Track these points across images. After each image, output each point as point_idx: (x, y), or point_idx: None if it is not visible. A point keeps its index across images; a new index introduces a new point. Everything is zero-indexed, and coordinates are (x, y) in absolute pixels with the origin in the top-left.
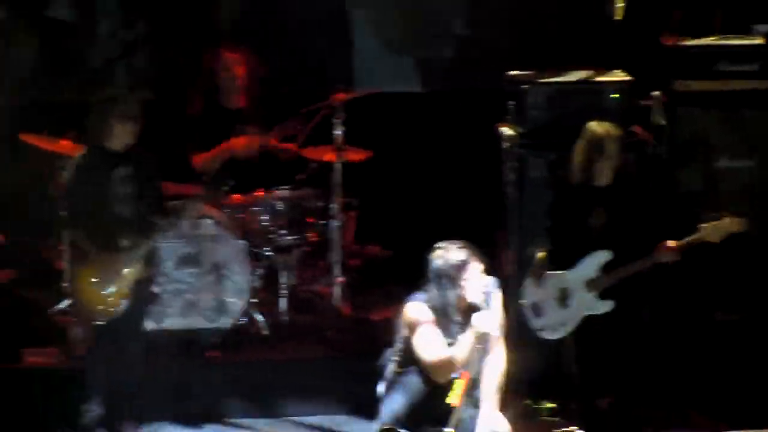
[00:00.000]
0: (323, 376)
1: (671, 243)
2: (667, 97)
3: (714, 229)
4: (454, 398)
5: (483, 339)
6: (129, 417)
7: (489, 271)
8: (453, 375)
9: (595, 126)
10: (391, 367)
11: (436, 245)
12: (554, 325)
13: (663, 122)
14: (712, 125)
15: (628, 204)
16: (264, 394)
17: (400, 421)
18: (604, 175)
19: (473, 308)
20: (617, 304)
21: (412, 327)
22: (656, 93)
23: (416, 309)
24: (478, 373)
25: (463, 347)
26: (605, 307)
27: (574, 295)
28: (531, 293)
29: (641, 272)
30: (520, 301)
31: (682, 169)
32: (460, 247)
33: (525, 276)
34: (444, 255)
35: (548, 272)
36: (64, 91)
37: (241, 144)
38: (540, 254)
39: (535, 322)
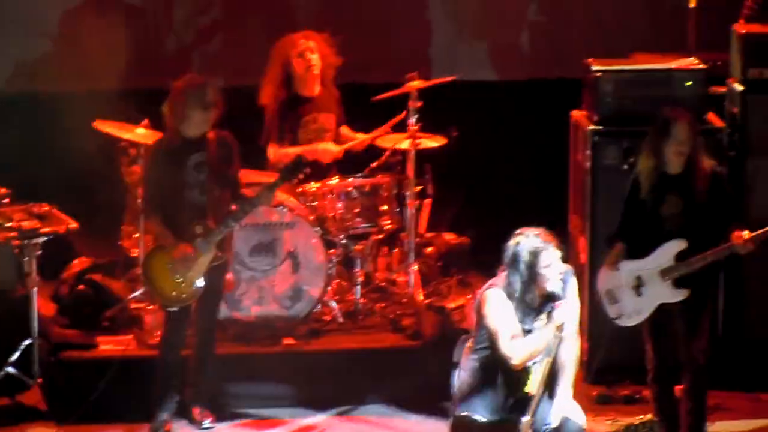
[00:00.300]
0: (398, 365)
1: (746, 233)
2: (741, 85)
3: None
4: (532, 387)
5: (562, 328)
6: (203, 404)
7: (565, 259)
8: (531, 363)
9: (665, 112)
10: (466, 356)
11: (515, 231)
12: (630, 313)
13: (736, 110)
14: None
15: (704, 192)
16: (339, 382)
17: (477, 410)
18: (674, 162)
19: (550, 296)
20: (692, 292)
21: (489, 315)
22: (730, 81)
23: (494, 296)
24: (555, 361)
25: (542, 336)
26: (680, 295)
27: (648, 283)
28: (606, 281)
29: (716, 262)
30: (596, 289)
31: (755, 158)
32: (538, 234)
33: (600, 264)
34: (522, 241)
35: (623, 261)
36: (140, 78)
37: (319, 154)
38: (616, 244)
39: (611, 310)
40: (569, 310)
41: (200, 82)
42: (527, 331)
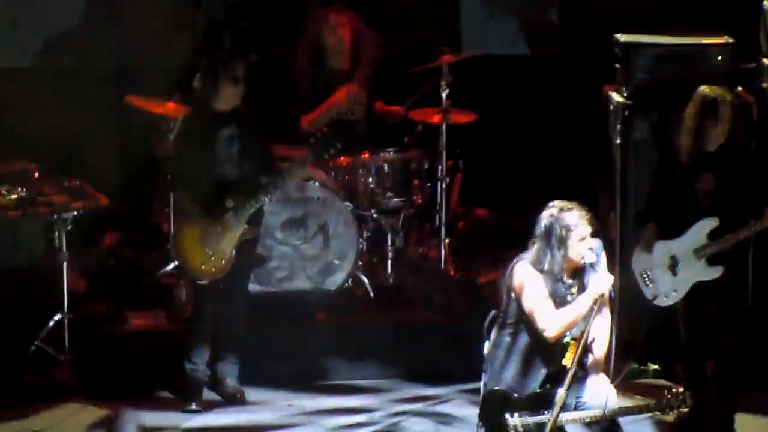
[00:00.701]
0: (429, 339)
1: None
2: None
3: None
4: (568, 360)
5: (598, 300)
6: (234, 379)
7: (596, 233)
8: (566, 336)
9: (707, 90)
10: (496, 331)
11: (548, 204)
12: (666, 292)
13: (766, 85)
14: None
15: (738, 169)
16: (370, 356)
17: (509, 385)
18: (714, 140)
19: (581, 269)
20: (726, 270)
21: (521, 288)
22: (760, 56)
23: (525, 269)
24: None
25: (578, 308)
26: (714, 273)
27: (682, 262)
28: (641, 261)
29: (749, 238)
30: (630, 269)
31: None
32: (570, 208)
33: (631, 239)
34: (555, 214)
35: (657, 240)
36: (171, 53)
37: (341, 97)
38: (648, 224)
39: (647, 290)
40: (607, 283)
41: (229, 56)
42: (559, 305)
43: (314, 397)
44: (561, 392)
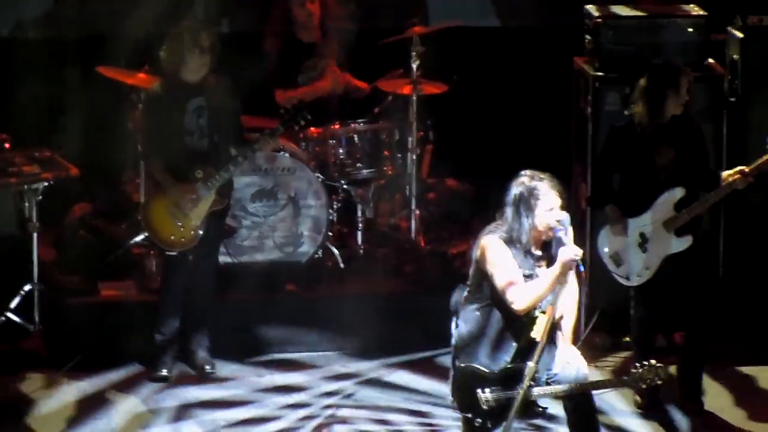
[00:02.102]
0: (399, 311)
1: (743, 168)
2: (742, 32)
3: None
4: (537, 333)
5: (567, 274)
6: (204, 350)
7: (567, 205)
8: (535, 309)
9: (674, 63)
10: (464, 305)
11: (520, 173)
12: (638, 271)
13: (736, 57)
14: None
15: (694, 137)
16: (340, 327)
17: (480, 360)
18: (669, 113)
19: (550, 243)
20: (694, 239)
21: (489, 260)
22: (731, 28)
23: (493, 241)
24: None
25: (546, 281)
26: (685, 243)
27: (653, 237)
28: (609, 245)
29: (717, 204)
30: (599, 252)
31: (755, 104)
32: (542, 178)
33: (604, 216)
34: (525, 182)
35: (626, 219)
36: (141, 23)
37: (325, 86)
38: (610, 206)
39: (619, 272)
40: (576, 255)
41: (196, 26)
42: (527, 277)
43: (284, 369)
44: (530, 365)
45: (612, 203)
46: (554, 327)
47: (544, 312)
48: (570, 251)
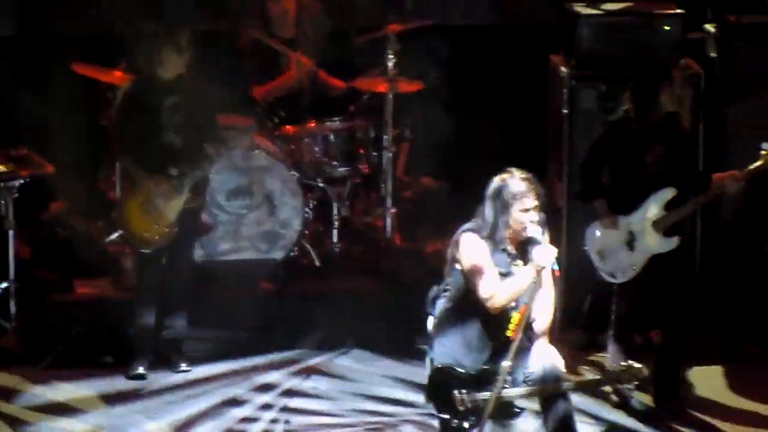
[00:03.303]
0: (375, 308)
1: (735, 172)
2: (719, 31)
3: None
4: (511, 332)
5: (541, 273)
6: (178, 347)
7: (543, 204)
8: (510, 308)
9: (655, 62)
10: (442, 303)
11: (503, 170)
12: (624, 269)
13: (714, 55)
14: (763, 59)
15: (685, 137)
16: (316, 325)
17: (456, 360)
18: (661, 112)
19: (527, 242)
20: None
21: (465, 257)
22: (708, 26)
23: (469, 238)
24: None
25: (521, 280)
26: (671, 244)
27: (641, 237)
28: (597, 241)
29: (704, 205)
30: (586, 247)
31: (734, 103)
32: (523, 177)
33: (581, 214)
34: (504, 179)
35: (616, 217)
36: (116, 21)
37: (292, 75)
38: (599, 201)
39: (603, 268)
40: (550, 255)
41: (173, 25)
42: (504, 275)
43: (259, 367)
44: (504, 365)
45: (601, 198)
46: (530, 326)
47: (518, 311)
48: (544, 251)
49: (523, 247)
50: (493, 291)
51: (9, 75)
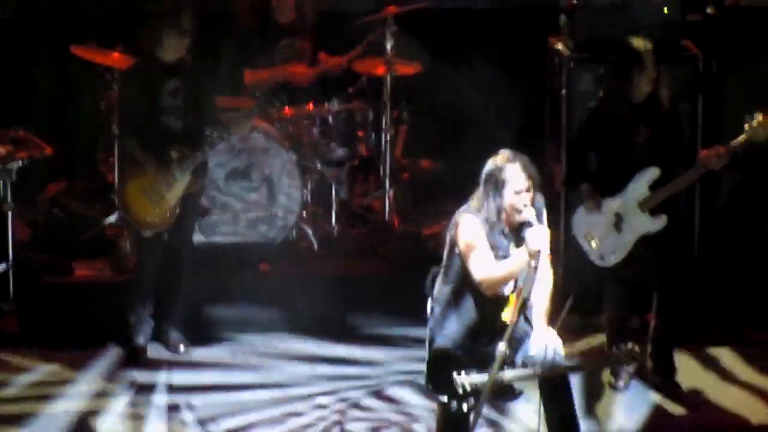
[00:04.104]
0: (373, 291)
1: (719, 147)
2: (717, 12)
3: (761, 128)
4: (508, 314)
5: (535, 255)
6: (178, 329)
7: (537, 188)
8: (506, 290)
9: (631, 41)
10: (440, 285)
11: (498, 151)
12: (612, 250)
13: (713, 37)
14: (761, 41)
15: (669, 116)
16: (314, 307)
17: (456, 342)
18: (642, 91)
19: (523, 223)
20: (669, 219)
21: (461, 238)
22: (708, 8)
23: (466, 219)
24: (530, 290)
25: (515, 262)
26: (659, 223)
27: (627, 217)
28: (584, 224)
29: (691, 184)
30: (574, 231)
31: (733, 84)
32: (515, 159)
33: (578, 197)
34: (498, 161)
35: (602, 200)
36: (116, 3)
37: (298, 73)
38: (583, 186)
39: (592, 251)
40: (544, 237)
41: (175, 7)
42: (500, 258)
43: (257, 349)
44: (501, 348)
45: (587, 182)
46: (527, 309)
47: (514, 293)
48: (537, 234)
49: (521, 229)
50: (486, 273)
51: (8, 57)
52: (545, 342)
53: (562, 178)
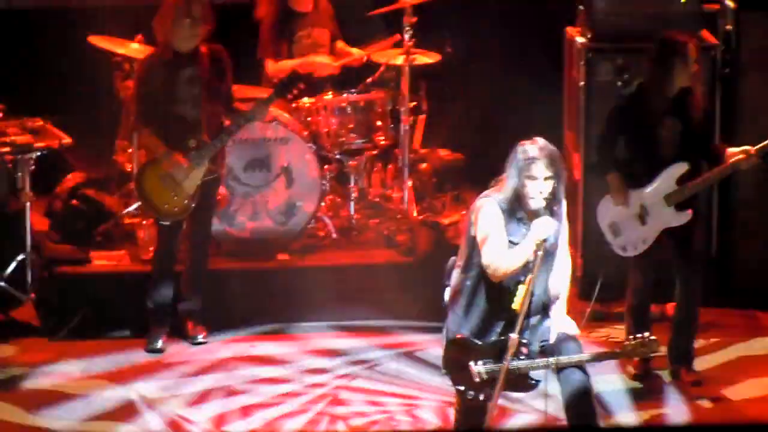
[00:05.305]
0: (391, 280)
1: (748, 147)
2: (735, 3)
3: None
4: (517, 304)
5: (541, 244)
6: (196, 319)
7: (557, 177)
8: (516, 280)
9: (677, 35)
10: (457, 274)
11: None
12: (635, 242)
13: (730, 27)
14: None
15: (700, 111)
16: (333, 297)
17: (472, 331)
18: (678, 85)
19: (537, 212)
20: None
21: (477, 223)
22: None
23: (484, 205)
24: (545, 280)
25: (521, 250)
26: (684, 218)
27: (652, 210)
28: (609, 214)
29: (719, 180)
30: (598, 220)
31: (748, 75)
32: (535, 146)
33: (597, 187)
34: (523, 147)
35: (628, 190)
36: None
37: (320, 66)
38: (611, 175)
39: (615, 243)
40: (549, 227)
41: None
42: (514, 246)
43: (275, 338)
44: (513, 337)
45: (616, 173)
46: (545, 298)
47: (523, 282)
48: (542, 223)
49: (534, 217)
50: (494, 259)
51: (26, 47)
52: (563, 331)
53: (582, 166)
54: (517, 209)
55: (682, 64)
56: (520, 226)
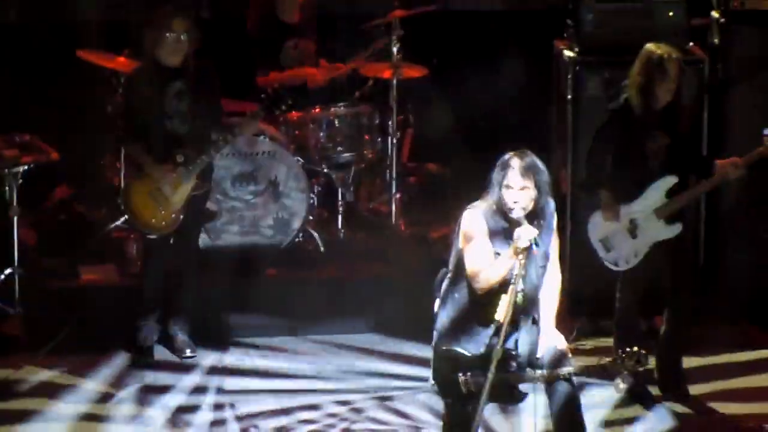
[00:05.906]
0: (380, 294)
1: (736, 159)
2: (723, 16)
3: None
4: (499, 314)
5: (523, 254)
6: (184, 333)
7: (540, 188)
8: (500, 289)
9: (653, 47)
10: (446, 286)
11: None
12: (627, 257)
13: (718, 41)
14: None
15: (688, 124)
16: (320, 311)
17: (460, 343)
18: (662, 98)
19: (520, 222)
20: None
21: (463, 234)
22: (713, 12)
23: (470, 214)
24: (534, 289)
25: (502, 261)
26: (674, 230)
27: (642, 224)
28: (599, 230)
29: (707, 192)
30: (589, 236)
31: (736, 88)
32: (514, 154)
33: (585, 201)
34: (508, 154)
35: (618, 205)
36: (122, 8)
37: (314, 75)
38: (602, 192)
39: (607, 257)
40: (529, 235)
41: (168, 11)
42: (497, 255)
43: (264, 353)
44: (496, 349)
45: (607, 189)
46: (533, 309)
47: (507, 293)
48: (522, 231)
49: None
50: (476, 270)
51: (14, 62)
52: (552, 344)
53: (569, 180)
54: (500, 220)
55: (661, 78)
56: (506, 237)
